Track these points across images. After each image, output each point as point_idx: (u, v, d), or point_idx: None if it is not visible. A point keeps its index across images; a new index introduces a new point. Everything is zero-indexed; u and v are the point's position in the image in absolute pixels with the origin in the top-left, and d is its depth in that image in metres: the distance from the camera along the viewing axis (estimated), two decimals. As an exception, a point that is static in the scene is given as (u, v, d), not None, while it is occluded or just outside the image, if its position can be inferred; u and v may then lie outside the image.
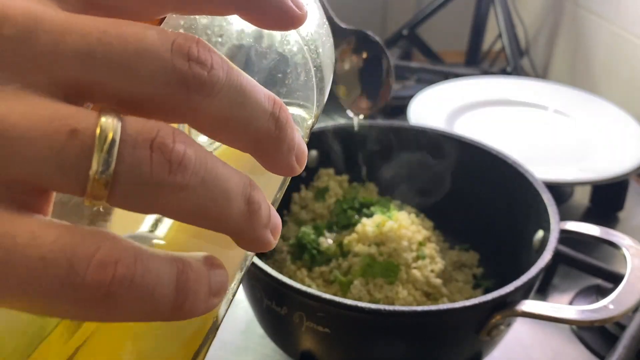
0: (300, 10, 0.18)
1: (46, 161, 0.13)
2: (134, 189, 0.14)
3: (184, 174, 0.15)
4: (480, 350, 0.42)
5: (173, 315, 0.15)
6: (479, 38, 1.15)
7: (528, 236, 0.47)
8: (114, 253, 0.14)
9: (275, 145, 0.17)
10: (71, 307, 0.14)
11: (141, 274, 0.14)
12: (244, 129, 0.16)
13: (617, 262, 0.58)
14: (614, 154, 0.69)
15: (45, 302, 0.13)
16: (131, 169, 0.14)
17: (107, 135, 0.14)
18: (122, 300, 0.14)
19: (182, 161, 0.14)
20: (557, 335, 0.51)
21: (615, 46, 0.91)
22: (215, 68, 0.15)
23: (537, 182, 0.48)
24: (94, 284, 0.13)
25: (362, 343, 0.39)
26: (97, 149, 0.13)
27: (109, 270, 0.14)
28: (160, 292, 0.15)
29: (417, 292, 0.47)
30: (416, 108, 0.77)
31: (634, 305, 0.38)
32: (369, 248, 0.49)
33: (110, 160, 0.14)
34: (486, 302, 0.37)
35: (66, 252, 0.13)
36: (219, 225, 0.16)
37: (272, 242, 0.18)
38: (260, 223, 0.17)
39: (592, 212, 0.70)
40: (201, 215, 0.16)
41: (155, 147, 0.14)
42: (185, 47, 0.15)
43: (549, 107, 0.82)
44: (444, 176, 0.56)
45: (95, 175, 0.14)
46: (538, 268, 0.39)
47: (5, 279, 0.13)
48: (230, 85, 0.16)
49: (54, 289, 0.13)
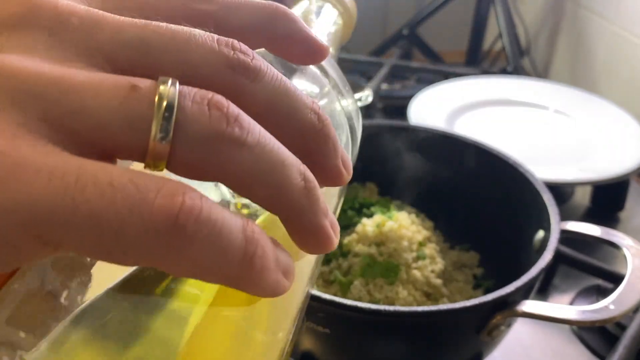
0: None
1: (110, 112, 0.14)
2: (194, 142, 0.14)
3: (241, 129, 0.15)
4: (480, 350, 0.42)
5: (243, 269, 0.14)
6: (480, 38, 1.15)
7: (528, 236, 0.47)
8: (180, 187, 0.14)
9: (323, 140, 0.17)
10: (139, 242, 0.13)
11: (208, 210, 0.14)
12: (289, 117, 0.17)
13: (617, 263, 0.57)
14: (614, 154, 0.69)
15: (114, 235, 0.13)
16: (191, 121, 0.14)
17: (167, 90, 0.14)
18: (190, 236, 0.14)
19: (238, 118, 0.15)
20: (558, 335, 0.51)
21: (616, 46, 0.91)
22: (257, 59, 0.16)
23: (537, 182, 0.48)
24: (162, 210, 0.13)
25: (362, 343, 0.39)
26: (157, 102, 0.14)
27: (177, 199, 0.13)
28: (228, 233, 0.14)
29: (418, 293, 0.47)
30: (416, 108, 0.77)
31: (635, 305, 0.38)
32: (369, 248, 0.49)
33: (170, 112, 0.14)
34: (486, 302, 0.36)
35: (133, 181, 0.13)
36: (279, 197, 0.16)
37: (334, 239, 0.17)
38: (320, 207, 0.17)
39: (592, 212, 0.69)
40: (262, 181, 0.15)
41: (212, 104, 0.15)
42: (229, 41, 0.16)
43: (550, 107, 0.82)
44: (444, 176, 0.56)
45: (157, 129, 0.14)
46: (538, 268, 0.39)
47: (74, 207, 0.13)
48: (272, 75, 0.17)
49: (122, 217, 0.13)
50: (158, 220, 0.13)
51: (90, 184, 0.13)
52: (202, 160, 0.15)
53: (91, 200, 0.13)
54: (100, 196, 0.13)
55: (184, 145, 0.14)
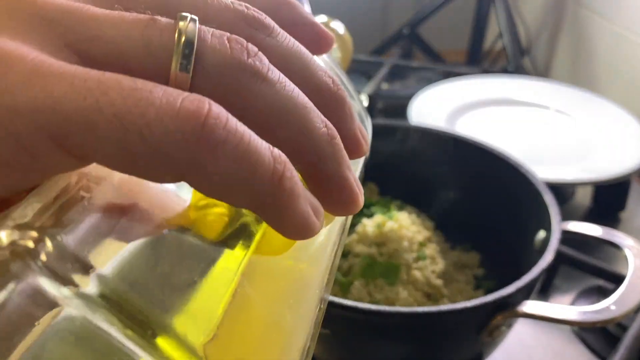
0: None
1: (130, 41, 0.14)
2: (215, 71, 0.14)
3: (262, 63, 0.15)
4: (481, 351, 0.42)
5: (273, 187, 0.14)
6: (480, 37, 1.15)
7: (529, 236, 0.47)
8: (205, 98, 0.13)
9: (340, 103, 0.17)
10: (166, 146, 0.13)
11: (234, 122, 0.14)
12: (304, 75, 0.17)
13: (618, 263, 0.57)
14: (615, 154, 0.69)
15: (139, 139, 0.13)
16: (212, 51, 0.14)
17: (186, 24, 0.14)
18: (219, 143, 0.13)
19: (258, 54, 0.15)
20: (559, 336, 0.51)
21: (617, 46, 0.91)
22: (271, 19, 0.17)
23: (538, 182, 0.48)
24: (189, 112, 0.13)
25: (362, 344, 0.39)
26: (178, 33, 0.14)
27: (204, 104, 0.13)
28: (257, 147, 0.14)
29: (418, 293, 0.47)
30: (417, 107, 0.77)
31: (636, 306, 0.38)
32: (369, 248, 0.49)
33: (191, 42, 0.14)
34: (487, 303, 0.36)
35: (158, 86, 0.13)
36: (302, 140, 0.15)
37: (360, 197, 0.17)
38: (344, 157, 0.16)
39: (593, 212, 0.69)
40: (284, 120, 0.15)
41: (232, 39, 0.15)
42: (242, 2, 0.17)
43: (550, 107, 0.82)
44: (444, 176, 0.56)
45: (178, 57, 0.14)
46: (539, 269, 0.39)
47: (98, 109, 0.13)
48: (286, 35, 0.17)
49: (148, 118, 0.13)
50: (185, 121, 0.13)
51: (114, 87, 0.13)
52: (223, 90, 0.14)
53: (116, 103, 0.13)
54: (125, 98, 0.13)
55: (205, 74, 0.14)
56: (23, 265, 0.12)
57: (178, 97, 0.13)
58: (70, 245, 0.13)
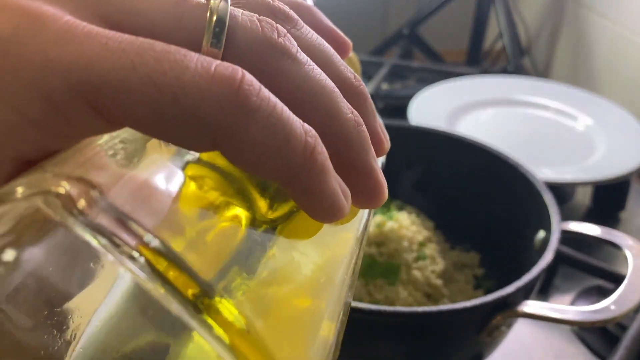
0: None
1: (162, 13, 0.14)
2: (246, 46, 0.14)
3: (291, 44, 0.15)
4: (481, 351, 0.42)
5: (305, 160, 0.14)
6: (480, 37, 1.15)
7: (529, 236, 0.47)
8: (238, 67, 0.13)
9: (362, 97, 0.17)
10: (199, 110, 0.13)
11: (268, 92, 0.14)
12: (328, 66, 0.16)
13: (618, 263, 0.57)
14: (615, 154, 0.69)
15: (172, 101, 0.13)
16: (243, 27, 0.14)
17: (217, 2, 0.14)
18: (253, 110, 0.13)
19: (287, 34, 0.15)
20: (558, 335, 0.51)
21: (616, 45, 0.91)
22: (294, 13, 0.17)
23: (538, 182, 0.48)
24: (224, 76, 0.13)
25: (362, 344, 0.39)
26: (210, 7, 0.14)
27: (238, 71, 0.13)
28: (289, 119, 0.14)
29: (418, 293, 0.47)
30: (417, 108, 0.77)
31: (636, 305, 0.38)
32: (369, 248, 0.49)
33: (223, 17, 0.14)
34: (487, 302, 0.36)
35: (192, 51, 0.13)
36: (330, 124, 0.15)
37: (386, 189, 0.17)
38: (370, 147, 0.16)
39: (593, 212, 0.69)
40: (313, 102, 0.15)
41: (262, 19, 0.15)
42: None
43: (550, 107, 0.82)
44: (444, 176, 0.56)
45: (210, 31, 0.14)
46: (539, 268, 0.39)
47: (132, 69, 0.13)
48: (308, 29, 0.17)
49: (183, 81, 0.13)
50: (220, 86, 0.13)
51: (148, 49, 0.13)
52: (253, 66, 0.14)
53: (149, 63, 0.12)
54: (159, 60, 0.13)
55: (235, 50, 0.14)
56: (83, 219, 0.12)
57: (212, 62, 0.13)
58: (116, 205, 0.13)
